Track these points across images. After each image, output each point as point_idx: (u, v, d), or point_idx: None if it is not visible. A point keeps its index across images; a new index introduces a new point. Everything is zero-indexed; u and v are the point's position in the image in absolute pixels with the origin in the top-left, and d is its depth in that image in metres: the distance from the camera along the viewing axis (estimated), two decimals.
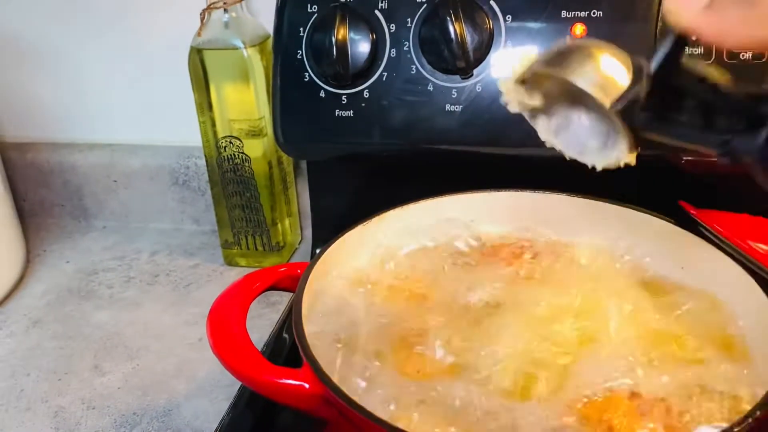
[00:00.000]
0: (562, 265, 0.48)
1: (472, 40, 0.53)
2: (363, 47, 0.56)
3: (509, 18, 0.53)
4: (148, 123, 0.81)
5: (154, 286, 0.71)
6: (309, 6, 0.57)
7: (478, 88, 0.55)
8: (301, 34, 0.57)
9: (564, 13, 0.52)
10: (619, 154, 0.36)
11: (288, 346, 0.57)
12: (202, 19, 0.63)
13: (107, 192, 0.83)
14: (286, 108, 0.59)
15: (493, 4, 0.53)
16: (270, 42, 0.63)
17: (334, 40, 0.55)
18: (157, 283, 0.72)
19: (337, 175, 0.68)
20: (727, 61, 0.50)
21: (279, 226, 0.72)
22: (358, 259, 0.49)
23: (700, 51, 0.50)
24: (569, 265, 0.48)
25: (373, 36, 0.56)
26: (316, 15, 0.57)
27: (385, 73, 0.56)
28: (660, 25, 0.51)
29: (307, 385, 0.36)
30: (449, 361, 0.40)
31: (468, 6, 0.53)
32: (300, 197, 0.77)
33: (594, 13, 0.52)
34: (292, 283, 0.45)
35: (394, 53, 0.56)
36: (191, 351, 0.61)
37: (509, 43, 0.53)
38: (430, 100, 0.56)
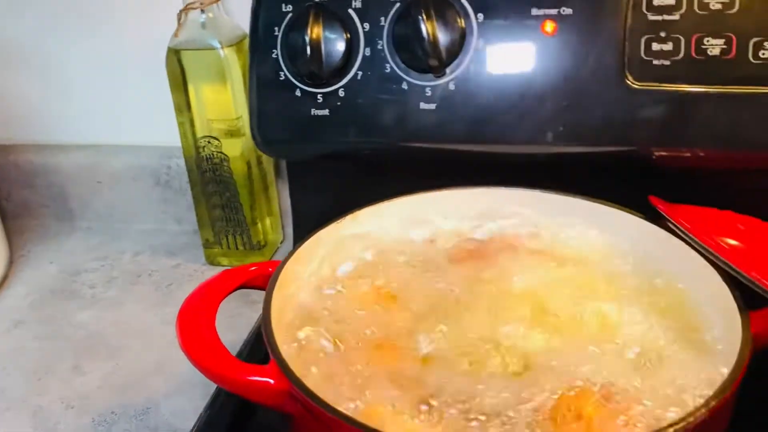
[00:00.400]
0: (533, 259, 0.48)
1: (444, 38, 0.53)
2: (337, 46, 0.56)
3: (481, 16, 0.54)
4: (131, 124, 0.81)
5: (136, 285, 0.71)
6: (284, 5, 0.57)
7: (452, 87, 0.55)
8: (276, 34, 0.58)
9: (534, 11, 0.52)
10: None
11: (266, 347, 0.57)
12: (179, 19, 0.63)
13: (91, 193, 0.83)
14: (262, 107, 0.59)
15: (464, 2, 0.54)
16: (247, 42, 0.63)
17: (308, 39, 0.55)
18: (140, 282, 0.72)
19: (317, 174, 0.68)
20: (696, 56, 0.50)
21: (259, 225, 0.72)
22: (331, 256, 0.50)
23: (670, 46, 0.51)
24: (539, 259, 0.48)
25: (348, 35, 0.56)
26: (291, 14, 0.57)
27: (360, 72, 0.57)
28: (629, 21, 0.51)
29: (272, 381, 0.36)
30: (419, 354, 0.41)
31: (440, 4, 0.53)
32: (281, 196, 0.77)
33: (564, 11, 0.52)
34: (263, 281, 0.45)
35: (368, 52, 0.56)
36: (171, 350, 0.61)
37: (481, 41, 0.54)
38: (404, 98, 0.56)
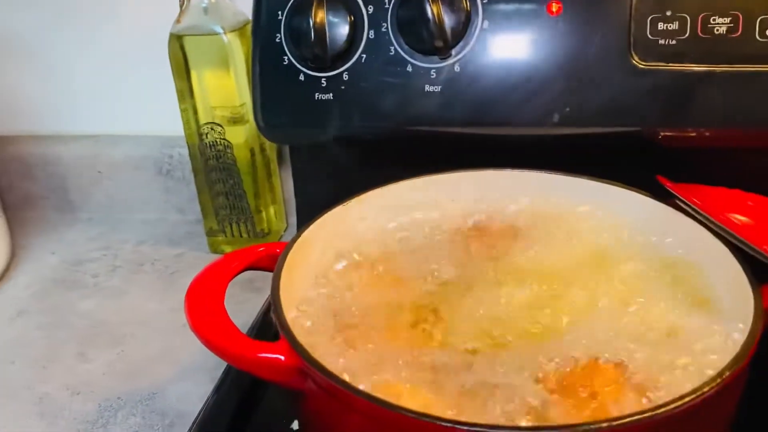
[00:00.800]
0: (544, 240, 0.48)
1: (449, 19, 0.53)
2: (341, 29, 0.56)
3: None
4: (131, 113, 0.81)
5: (139, 274, 0.71)
6: None
7: (457, 68, 0.55)
8: (279, 18, 0.57)
9: None
10: None
11: (274, 330, 0.57)
12: (182, 5, 0.63)
13: (91, 183, 0.82)
14: (265, 92, 0.59)
15: None
16: (249, 27, 0.63)
17: (312, 22, 0.55)
18: (143, 271, 0.72)
19: (320, 160, 0.67)
20: (702, 35, 0.50)
21: (263, 213, 0.72)
22: (338, 238, 0.49)
23: (676, 26, 0.50)
24: (550, 239, 0.48)
25: (351, 18, 0.56)
26: None
27: (364, 55, 0.56)
28: (635, 0, 0.51)
29: (282, 358, 0.36)
30: (430, 332, 0.41)
31: None
32: (284, 185, 0.77)
33: None
34: (271, 262, 0.45)
35: (372, 35, 0.56)
36: (176, 336, 0.61)
37: (487, 22, 0.54)
38: (409, 81, 0.56)
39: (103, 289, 0.69)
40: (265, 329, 0.57)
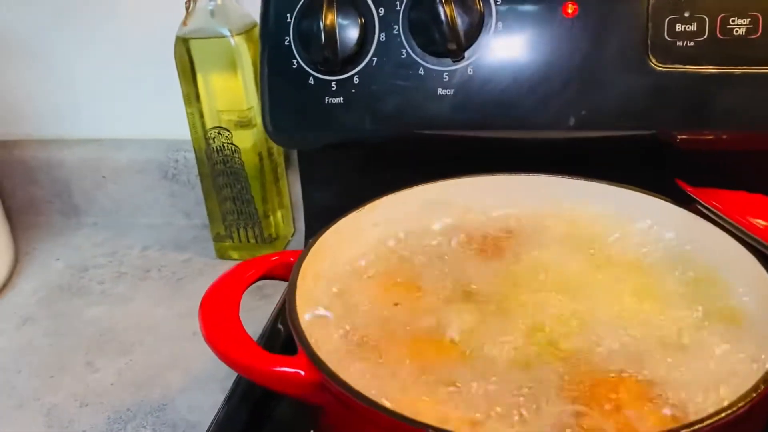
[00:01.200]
0: (561, 247, 0.47)
1: (462, 21, 0.52)
2: (352, 32, 0.55)
3: None
4: (136, 117, 0.80)
5: (145, 281, 0.70)
6: None
7: (470, 71, 0.54)
8: (288, 21, 0.56)
9: None
10: None
11: (283, 338, 0.56)
12: (188, 8, 0.62)
13: (96, 188, 0.82)
14: (274, 96, 0.58)
15: None
16: (257, 30, 0.62)
17: (322, 25, 0.54)
18: (149, 277, 0.71)
19: (329, 166, 0.67)
20: (721, 37, 0.49)
21: (271, 219, 0.71)
22: (351, 246, 0.48)
23: (694, 27, 0.50)
24: (568, 246, 0.47)
25: (362, 20, 0.55)
26: (303, 0, 0.56)
27: (375, 58, 0.55)
28: (652, 1, 0.50)
29: (302, 372, 0.35)
30: (450, 345, 0.40)
31: None
32: (292, 189, 0.76)
33: None
34: (285, 271, 0.44)
35: (383, 37, 0.55)
36: (185, 344, 0.60)
37: (500, 24, 0.53)
38: (421, 84, 0.55)
39: (109, 295, 0.68)
40: (275, 337, 0.56)
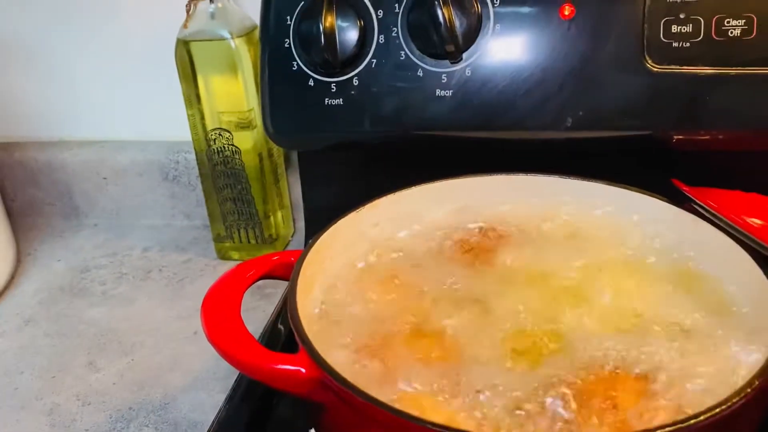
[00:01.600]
0: (558, 245, 0.48)
1: (460, 23, 0.53)
2: (351, 34, 0.55)
3: (497, 1, 0.53)
4: (136, 119, 0.80)
5: (146, 281, 0.71)
6: None
7: (468, 72, 0.54)
8: (288, 23, 0.57)
9: None
10: None
11: (284, 337, 0.57)
12: (188, 10, 0.63)
13: (97, 189, 0.82)
14: (274, 98, 0.59)
15: None
16: (257, 32, 0.62)
17: (321, 27, 0.54)
18: (150, 278, 0.71)
19: (329, 166, 0.67)
20: (716, 38, 0.50)
21: (271, 219, 0.71)
22: (351, 246, 0.49)
23: (690, 28, 0.50)
24: (565, 245, 0.48)
25: (361, 23, 0.55)
26: (303, 3, 0.56)
27: (374, 60, 0.56)
28: (648, 3, 0.50)
29: (303, 370, 0.36)
30: (448, 344, 0.40)
31: None
32: (292, 190, 0.76)
33: None
34: (285, 271, 0.45)
35: (382, 39, 0.56)
36: (186, 344, 0.60)
37: (498, 26, 0.53)
38: (420, 85, 0.55)
39: (110, 296, 0.69)
40: (275, 336, 0.57)
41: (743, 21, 0.49)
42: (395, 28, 0.55)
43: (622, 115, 0.52)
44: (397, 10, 0.55)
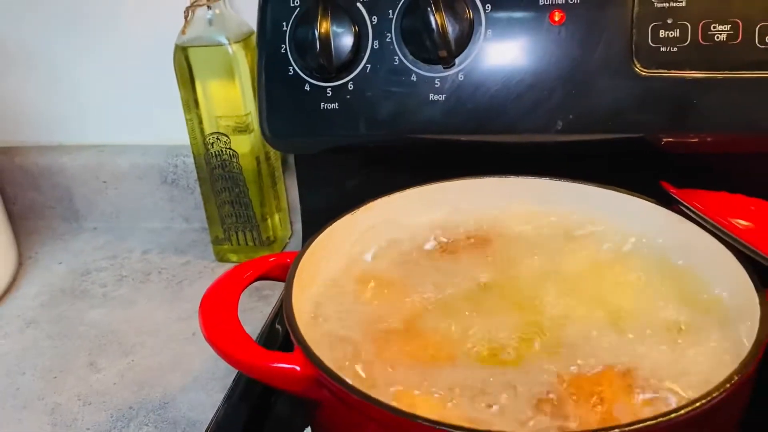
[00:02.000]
0: (548, 248, 0.49)
1: (453, 29, 0.54)
2: (346, 40, 0.56)
3: (488, 7, 0.54)
4: (136, 123, 0.81)
5: (146, 283, 0.72)
6: (291, 0, 0.58)
7: (461, 77, 0.55)
8: (284, 29, 0.58)
9: (542, 0, 0.53)
10: None
11: (281, 337, 0.58)
12: (186, 16, 0.64)
13: (97, 193, 0.83)
14: (271, 103, 0.60)
15: None
16: (254, 38, 0.63)
17: (317, 33, 0.55)
18: (150, 280, 0.72)
19: (326, 169, 0.68)
20: (702, 42, 0.51)
21: (269, 221, 0.73)
22: (347, 247, 0.50)
23: (677, 33, 0.51)
24: (555, 247, 0.49)
25: (356, 28, 0.56)
26: (299, 9, 0.57)
27: (369, 65, 0.57)
28: (636, 9, 0.52)
29: (298, 368, 0.37)
30: (441, 343, 0.41)
31: None
32: (289, 192, 0.77)
33: (571, 0, 0.53)
34: (282, 272, 0.46)
35: (377, 45, 0.57)
36: (186, 345, 0.61)
37: (490, 32, 0.54)
38: (413, 90, 0.56)
39: (111, 298, 0.70)
40: (273, 337, 0.58)
41: (729, 26, 0.50)
42: (389, 34, 0.56)
43: (612, 119, 0.53)
44: (391, 16, 0.56)
